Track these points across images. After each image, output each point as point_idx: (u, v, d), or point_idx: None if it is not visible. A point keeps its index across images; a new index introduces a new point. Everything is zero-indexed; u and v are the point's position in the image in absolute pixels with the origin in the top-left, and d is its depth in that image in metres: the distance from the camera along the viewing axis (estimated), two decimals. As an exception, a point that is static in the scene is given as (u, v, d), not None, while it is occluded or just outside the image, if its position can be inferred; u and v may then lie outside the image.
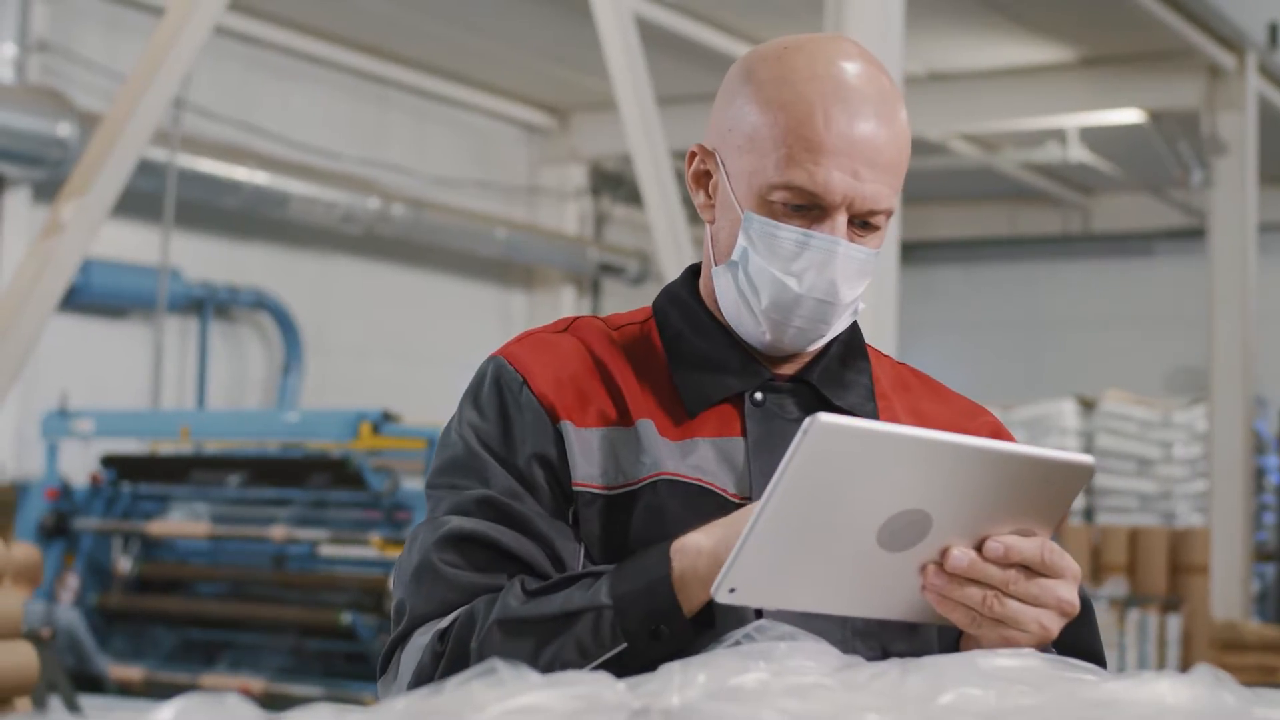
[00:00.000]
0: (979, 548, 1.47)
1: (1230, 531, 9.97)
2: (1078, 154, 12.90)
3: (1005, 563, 1.47)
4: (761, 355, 1.78)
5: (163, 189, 9.60)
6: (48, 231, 6.45)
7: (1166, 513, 12.85)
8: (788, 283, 1.69)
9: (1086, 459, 1.47)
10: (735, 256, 1.73)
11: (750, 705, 1.02)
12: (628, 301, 13.31)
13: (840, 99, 1.67)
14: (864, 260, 1.70)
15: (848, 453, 1.37)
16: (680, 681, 1.09)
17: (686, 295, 1.83)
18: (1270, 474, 12.47)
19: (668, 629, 1.53)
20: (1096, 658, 1.71)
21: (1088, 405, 13.12)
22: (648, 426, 1.72)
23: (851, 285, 1.71)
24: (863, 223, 1.70)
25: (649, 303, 1.88)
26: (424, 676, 1.63)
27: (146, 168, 8.93)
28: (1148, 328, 15.92)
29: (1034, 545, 1.48)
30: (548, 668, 1.49)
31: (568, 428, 1.72)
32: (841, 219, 1.68)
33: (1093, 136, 12.94)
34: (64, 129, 9.05)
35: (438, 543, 1.69)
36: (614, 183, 13.80)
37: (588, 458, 1.71)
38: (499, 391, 1.76)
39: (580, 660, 1.54)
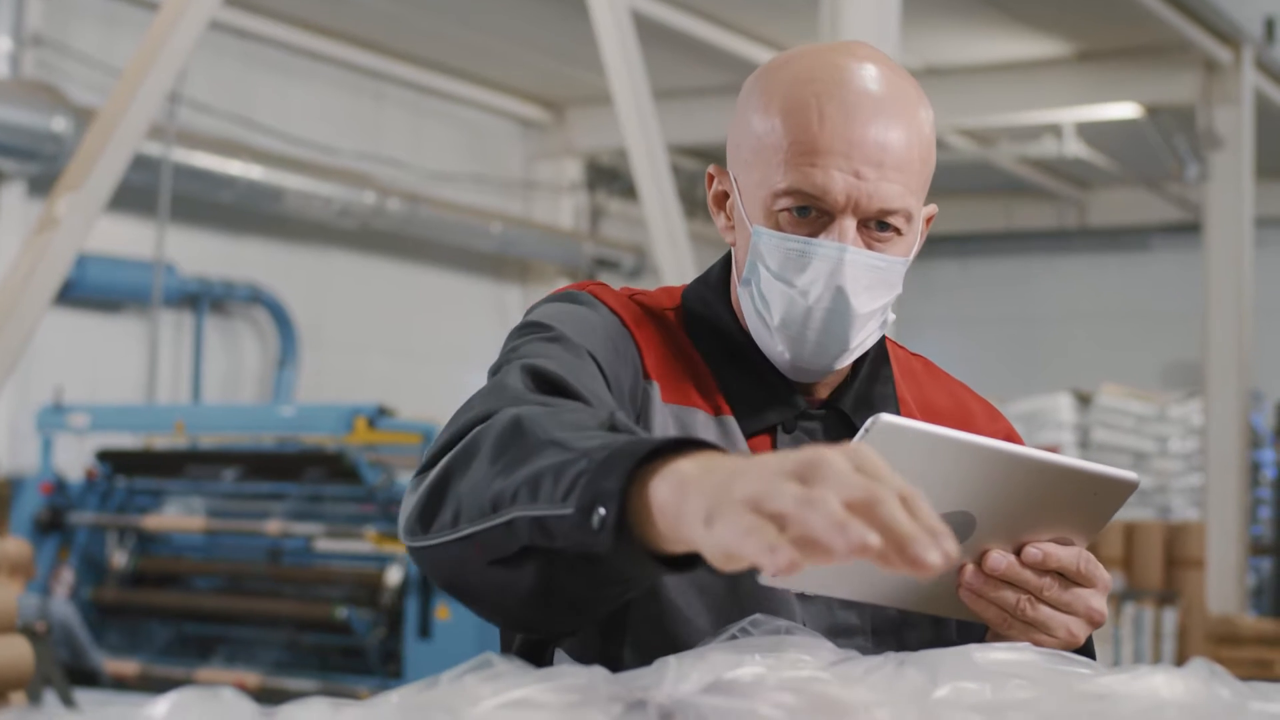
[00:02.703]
0: (1018, 552, 1.49)
1: (1226, 525, 9.97)
2: (1074, 148, 12.90)
3: (1042, 568, 1.49)
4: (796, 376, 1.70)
5: (158, 183, 9.60)
6: (42, 226, 6.44)
7: (1162, 507, 12.85)
8: (796, 296, 1.63)
9: (1132, 476, 1.48)
10: (747, 273, 1.67)
11: (746, 699, 1.02)
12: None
13: (837, 98, 1.60)
14: (880, 268, 1.63)
15: (906, 452, 1.38)
16: (675, 675, 1.09)
17: (721, 312, 1.74)
18: (1266, 468, 12.47)
19: (608, 512, 1.20)
20: (1088, 654, 1.71)
21: (1083, 399, 13.12)
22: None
23: (867, 295, 1.63)
24: (880, 225, 1.62)
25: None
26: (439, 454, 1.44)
27: (142, 162, 8.93)
28: (1143, 322, 15.93)
29: (1071, 554, 1.49)
30: (500, 493, 1.31)
31: (654, 390, 1.66)
32: (849, 224, 1.61)
33: (1089, 131, 12.95)
34: (59, 123, 9.04)
35: (515, 369, 1.53)
36: (609, 177, 13.80)
37: (664, 431, 1.64)
38: (601, 316, 1.68)
39: (530, 501, 1.27)
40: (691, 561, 1.20)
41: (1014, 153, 13.49)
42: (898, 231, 1.63)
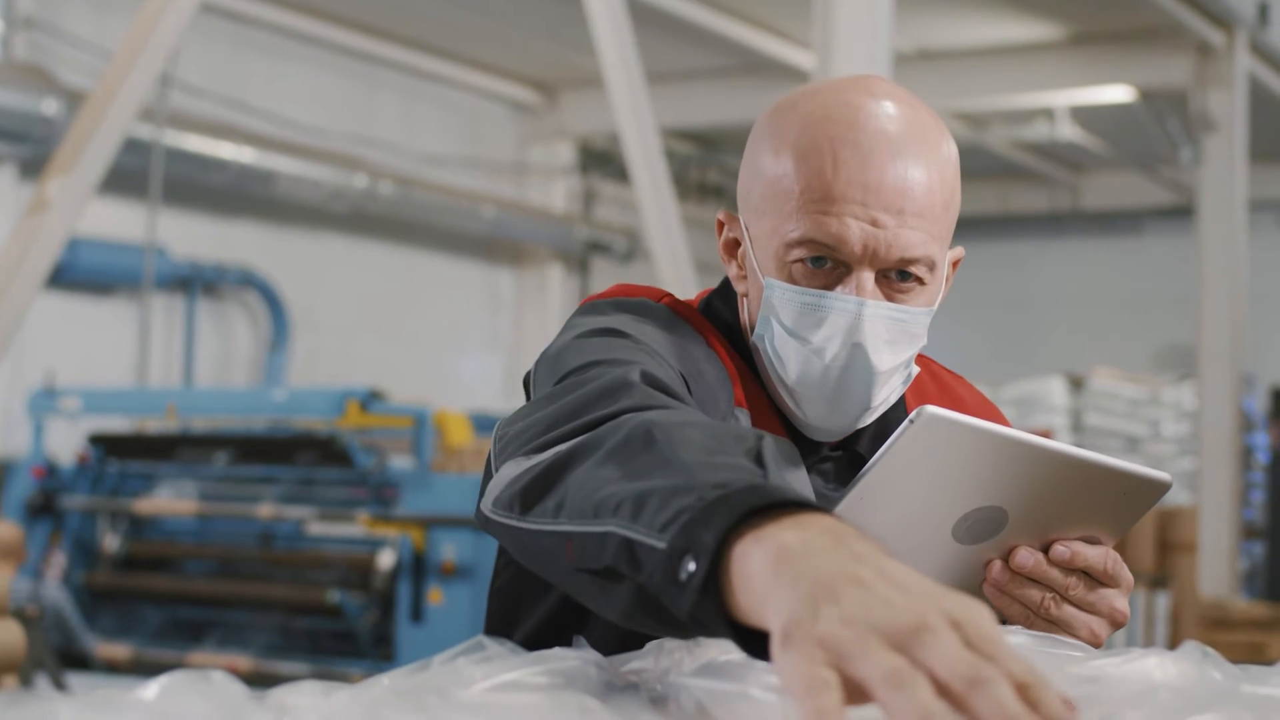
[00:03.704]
0: (1045, 549, 1.47)
1: (1218, 509, 9.98)
2: (1067, 132, 12.90)
3: (1069, 567, 1.47)
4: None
5: (149, 166, 9.58)
6: (33, 209, 6.43)
7: (1154, 491, 12.86)
8: (812, 354, 1.55)
9: (1165, 477, 1.46)
10: (760, 327, 1.59)
11: (737, 681, 1.02)
12: (616, 280, 13.29)
13: (851, 140, 1.51)
14: (902, 321, 1.55)
15: (947, 445, 1.38)
16: (666, 658, 1.09)
17: (742, 345, 1.66)
18: (1258, 452, 12.49)
19: (698, 568, 1.03)
20: None
21: (1076, 383, 13.12)
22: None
23: (888, 350, 1.55)
24: (901, 275, 1.54)
25: (637, 280, 1.79)
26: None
27: (133, 145, 8.90)
28: (1136, 305, 15.94)
29: (1099, 554, 1.47)
30: (605, 500, 1.16)
31: (745, 419, 1.59)
32: (867, 275, 1.53)
33: (1082, 114, 12.95)
34: (50, 106, 9.02)
35: (636, 372, 1.38)
36: (602, 160, 13.79)
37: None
38: (683, 335, 1.59)
39: (630, 519, 1.11)
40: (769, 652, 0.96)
41: (1007, 136, 13.48)
42: (920, 281, 1.56)
